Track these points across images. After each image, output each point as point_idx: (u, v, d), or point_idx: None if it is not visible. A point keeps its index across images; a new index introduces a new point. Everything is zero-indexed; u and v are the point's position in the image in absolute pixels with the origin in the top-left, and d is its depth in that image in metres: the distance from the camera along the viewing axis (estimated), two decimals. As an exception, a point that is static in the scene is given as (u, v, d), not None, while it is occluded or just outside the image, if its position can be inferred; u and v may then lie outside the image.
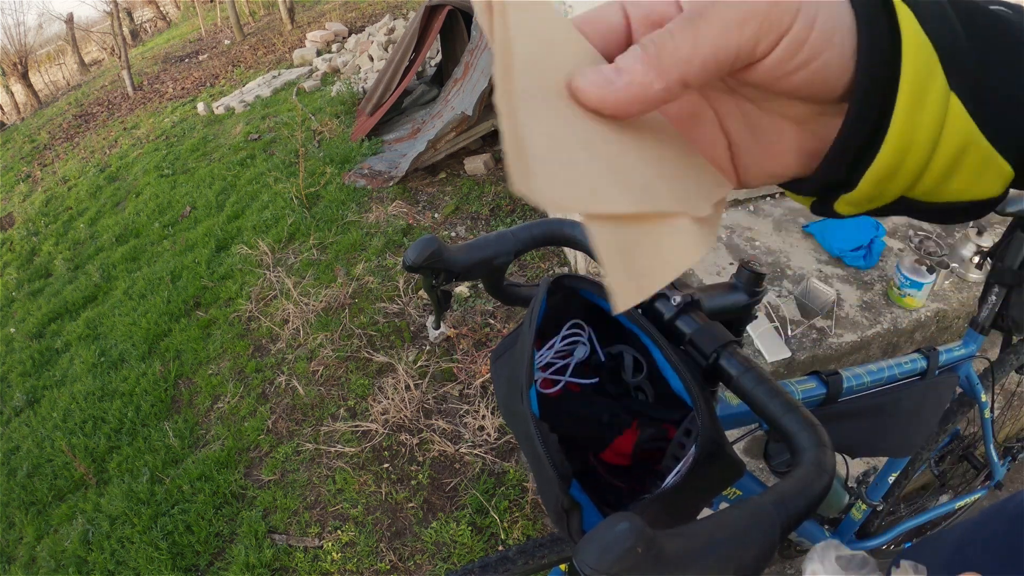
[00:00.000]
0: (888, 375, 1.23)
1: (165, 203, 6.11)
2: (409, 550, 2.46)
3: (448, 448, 2.76)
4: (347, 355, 3.39)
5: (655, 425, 0.81)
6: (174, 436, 3.27)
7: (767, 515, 0.45)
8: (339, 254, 4.25)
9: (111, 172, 7.59)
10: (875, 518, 1.74)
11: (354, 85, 7.11)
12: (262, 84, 8.65)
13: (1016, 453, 2.11)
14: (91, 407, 3.70)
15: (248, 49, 12.07)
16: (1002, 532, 0.72)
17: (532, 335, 0.71)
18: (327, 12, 12.78)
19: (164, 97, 10.54)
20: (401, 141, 5.51)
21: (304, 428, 3.07)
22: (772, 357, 2.22)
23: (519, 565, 1.16)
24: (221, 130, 7.56)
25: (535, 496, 2.50)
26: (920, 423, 1.25)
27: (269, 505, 2.76)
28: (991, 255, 1.56)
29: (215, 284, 4.44)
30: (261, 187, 5.55)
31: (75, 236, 6.24)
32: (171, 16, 23.10)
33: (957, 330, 2.45)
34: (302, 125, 6.29)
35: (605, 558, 0.38)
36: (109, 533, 2.86)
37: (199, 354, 3.84)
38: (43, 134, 11.58)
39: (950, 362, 1.45)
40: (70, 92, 16.01)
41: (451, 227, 4.34)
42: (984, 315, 1.55)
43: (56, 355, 4.50)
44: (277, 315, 3.81)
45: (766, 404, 0.64)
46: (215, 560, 2.65)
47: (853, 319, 2.34)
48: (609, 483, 0.79)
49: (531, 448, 0.65)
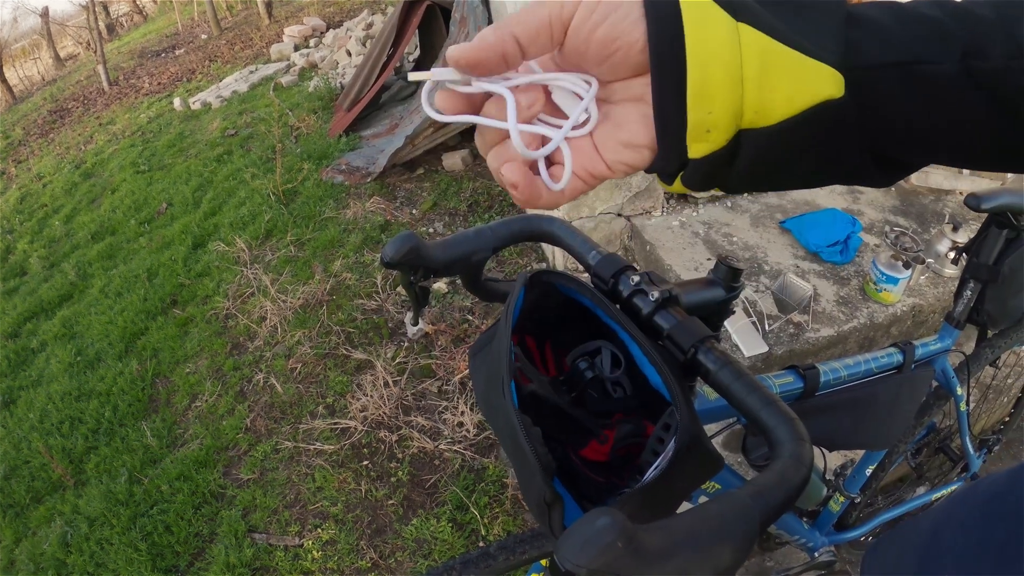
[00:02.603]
0: (865, 369, 1.24)
1: (141, 200, 6.04)
2: (390, 547, 2.46)
3: (427, 445, 2.76)
4: (325, 352, 3.38)
5: (634, 420, 0.82)
6: (152, 436, 3.24)
7: (746, 508, 0.46)
8: (317, 251, 4.23)
9: (87, 168, 7.51)
10: (853, 510, 1.76)
11: (332, 80, 7.07)
12: (239, 79, 8.59)
13: (992, 445, 2.14)
14: (68, 407, 3.66)
15: (225, 44, 11.97)
16: (976, 515, 0.73)
17: (509, 330, 0.71)
18: (305, 7, 12.68)
19: (140, 92, 10.44)
20: (379, 137, 5.49)
21: (283, 426, 3.05)
22: (750, 352, 2.23)
23: (500, 561, 1.16)
24: (198, 126, 7.49)
25: (515, 492, 2.51)
26: (897, 416, 1.26)
27: (249, 504, 2.75)
28: (966, 251, 1.57)
29: (192, 282, 4.41)
30: (238, 183, 5.51)
31: (50, 234, 6.16)
32: (147, 10, 22.84)
33: (933, 325, 2.47)
34: (279, 121, 6.25)
35: (586, 553, 0.38)
36: (88, 535, 2.83)
37: (176, 352, 3.81)
38: (17, 130, 11.43)
39: (926, 356, 1.46)
40: (45, 87, 15.80)
41: (429, 223, 4.33)
42: (959, 310, 1.57)
43: (32, 355, 4.45)
44: (255, 312, 3.79)
45: (744, 398, 0.65)
46: (195, 560, 2.63)
47: (830, 314, 2.35)
48: (589, 478, 0.80)
49: (513, 442, 0.65)
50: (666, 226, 2.85)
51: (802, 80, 0.42)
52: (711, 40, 0.41)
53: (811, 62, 0.42)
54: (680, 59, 0.41)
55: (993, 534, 0.68)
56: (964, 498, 0.79)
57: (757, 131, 0.44)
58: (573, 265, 3.12)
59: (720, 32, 0.41)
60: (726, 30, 0.41)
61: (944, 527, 0.76)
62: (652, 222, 2.91)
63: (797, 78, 0.42)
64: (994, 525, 0.69)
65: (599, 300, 0.76)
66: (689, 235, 2.77)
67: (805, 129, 0.43)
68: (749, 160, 0.45)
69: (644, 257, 2.86)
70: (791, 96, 0.42)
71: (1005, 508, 0.69)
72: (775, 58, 0.41)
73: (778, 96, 0.42)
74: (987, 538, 0.68)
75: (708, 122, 0.43)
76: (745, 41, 0.41)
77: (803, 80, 0.42)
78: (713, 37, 0.41)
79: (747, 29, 0.41)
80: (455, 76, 0.48)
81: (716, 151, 0.45)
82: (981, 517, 0.72)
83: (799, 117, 0.43)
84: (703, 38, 0.41)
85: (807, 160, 0.46)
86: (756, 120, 0.43)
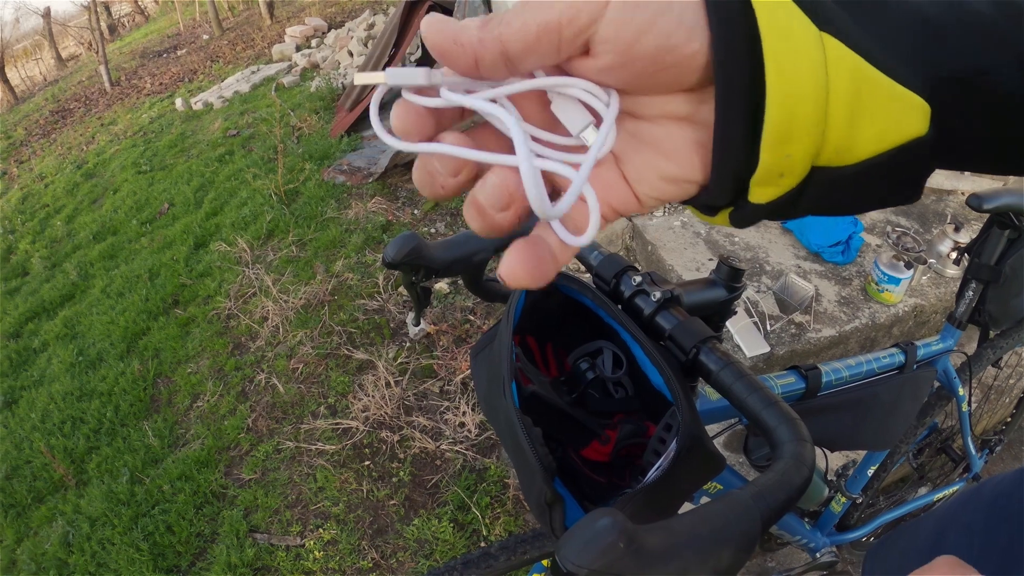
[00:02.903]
0: (867, 369, 1.24)
1: (143, 200, 6.05)
2: (391, 548, 2.46)
3: (429, 445, 2.76)
4: (327, 352, 3.38)
5: (635, 421, 0.82)
6: (153, 436, 3.24)
7: (748, 509, 0.46)
8: (318, 251, 4.22)
9: (88, 169, 7.52)
10: (855, 511, 1.76)
11: (333, 81, 7.07)
12: (241, 80, 8.59)
13: (993, 446, 2.14)
14: (70, 407, 3.66)
15: (227, 44, 11.99)
16: (980, 516, 0.73)
17: (510, 331, 0.71)
18: (307, 7, 12.69)
19: (142, 93, 10.45)
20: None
21: (284, 426, 3.05)
22: (751, 352, 2.23)
23: (501, 561, 1.16)
24: (199, 126, 7.50)
25: (516, 492, 2.51)
26: (898, 417, 1.26)
27: (250, 504, 2.75)
28: (968, 251, 1.57)
29: (193, 282, 4.41)
30: (240, 184, 5.51)
31: (52, 234, 6.17)
32: (149, 11, 22.88)
33: (935, 325, 2.47)
34: (281, 121, 6.25)
35: (587, 553, 0.38)
36: (89, 535, 2.83)
37: (178, 352, 3.81)
38: (19, 130, 11.46)
39: (928, 356, 1.46)
40: (47, 88, 15.85)
41: (431, 224, 4.33)
42: (961, 310, 1.56)
43: (34, 355, 4.45)
44: (256, 313, 3.79)
45: (746, 399, 0.64)
46: (197, 560, 2.63)
47: (831, 314, 2.35)
48: (590, 479, 0.80)
49: (514, 442, 0.65)
50: (667, 226, 2.85)
51: (893, 115, 0.34)
52: (797, 64, 0.32)
53: (902, 91, 0.34)
54: (757, 87, 0.32)
55: (998, 536, 0.68)
56: (969, 501, 0.79)
57: (833, 170, 0.36)
58: (575, 265, 3.12)
59: (807, 51, 0.32)
60: (812, 47, 0.32)
61: (949, 529, 0.76)
62: (654, 222, 2.91)
63: (889, 113, 0.34)
64: (999, 527, 0.69)
65: (601, 300, 0.76)
66: (691, 235, 2.77)
67: (884, 167, 0.36)
68: (815, 199, 0.38)
69: (646, 257, 2.86)
70: (880, 135, 0.35)
71: (1010, 510, 0.69)
72: (867, 87, 0.33)
73: (865, 134, 0.34)
74: (992, 540, 0.68)
75: (783, 166, 0.35)
76: (832, 61, 0.33)
77: (894, 114, 0.34)
78: (798, 59, 0.32)
79: (833, 44, 0.33)
80: (417, 79, 0.36)
81: (783, 195, 0.37)
82: (986, 520, 0.72)
83: (882, 156, 0.35)
84: (787, 61, 0.32)
85: (874, 194, 0.39)
86: (835, 159, 0.35)
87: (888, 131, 0.35)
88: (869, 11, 0.35)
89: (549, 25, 0.32)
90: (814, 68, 0.32)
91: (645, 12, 0.32)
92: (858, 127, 0.34)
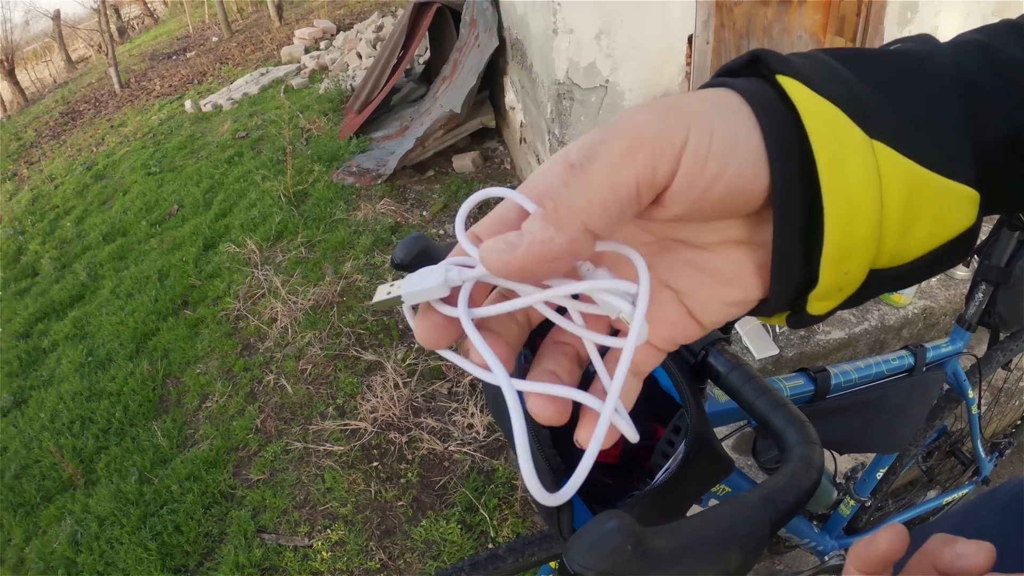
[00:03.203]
0: (876, 372, 1.24)
1: (152, 201, 6.07)
2: (399, 548, 2.46)
3: (437, 446, 2.76)
4: (335, 353, 3.39)
5: (643, 423, 0.81)
6: (162, 436, 3.25)
7: (756, 511, 0.46)
8: (327, 252, 4.23)
9: (98, 170, 7.54)
10: (863, 514, 1.75)
11: (342, 82, 7.09)
12: (250, 81, 8.62)
13: (1003, 449, 2.13)
14: (79, 407, 3.68)
15: (236, 46, 12.02)
16: (994, 521, 0.73)
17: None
18: (315, 9, 12.72)
19: (151, 94, 10.49)
20: (389, 139, 5.50)
21: (293, 427, 3.06)
22: (760, 354, 2.22)
23: (509, 563, 1.16)
24: (208, 128, 7.52)
25: (524, 494, 2.50)
26: (908, 419, 1.26)
27: (258, 504, 2.75)
28: (978, 252, 1.56)
29: (203, 283, 4.42)
30: (249, 185, 5.53)
31: (62, 235, 6.20)
32: (158, 13, 22.96)
33: (944, 327, 2.46)
34: (290, 123, 6.27)
35: (594, 555, 0.38)
36: (98, 534, 2.85)
37: (187, 353, 3.82)
38: (29, 132, 11.51)
39: (937, 359, 1.45)
40: (57, 89, 15.91)
41: (439, 225, 4.33)
42: (971, 312, 1.56)
43: (43, 355, 4.47)
44: (265, 314, 3.80)
45: (754, 401, 0.64)
46: (205, 560, 2.64)
47: (840, 316, 2.34)
48: (598, 480, 0.79)
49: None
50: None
51: (944, 212, 0.34)
52: (852, 184, 0.31)
53: (951, 186, 0.34)
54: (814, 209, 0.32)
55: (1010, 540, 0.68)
56: (982, 505, 0.78)
57: (888, 271, 0.36)
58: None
59: (861, 170, 0.32)
60: (866, 165, 0.32)
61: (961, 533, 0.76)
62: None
63: (940, 211, 0.34)
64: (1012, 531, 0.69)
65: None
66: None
67: (936, 259, 0.36)
68: (869, 295, 0.37)
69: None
70: (931, 235, 0.35)
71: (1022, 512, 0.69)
72: (919, 192, 0.33)
73: (918, 235, 0.34)
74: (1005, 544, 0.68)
75: (842, 282, 0.34)
76: (885, 172, 0.32)
77: (945, 212, 0.34)
78: (854, 180, 0.31)
79: (885, 152, 0.32)
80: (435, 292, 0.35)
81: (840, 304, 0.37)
82: (1000, 523, 0.72)
83: (934, 252, 0.35)
84: (842, 184, 0.31)
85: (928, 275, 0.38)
86: (888, 263, 0.35)
87: (939, 231, 0.35)
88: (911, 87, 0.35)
89: (628, 192, 0.30)
90: (869, 185, 0.32)
91: (717, 162, 0.31)
92: (911, 232, 0.34)
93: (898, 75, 0.35)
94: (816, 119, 0.31)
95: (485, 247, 0.32)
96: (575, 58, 2.95)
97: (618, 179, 0.30)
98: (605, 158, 0.30)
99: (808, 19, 3.03)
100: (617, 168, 0.30)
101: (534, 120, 3.82)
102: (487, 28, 4.59)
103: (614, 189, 0.30)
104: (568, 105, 3.08)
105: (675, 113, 0.31)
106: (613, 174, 0.30)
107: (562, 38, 2.88)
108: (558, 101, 3.09)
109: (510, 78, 4.48)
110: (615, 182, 0.30)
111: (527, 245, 0.31)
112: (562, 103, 3.09)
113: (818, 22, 3.05)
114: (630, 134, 0.30)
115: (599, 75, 3.01)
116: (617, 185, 0.30)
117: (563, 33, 2.87)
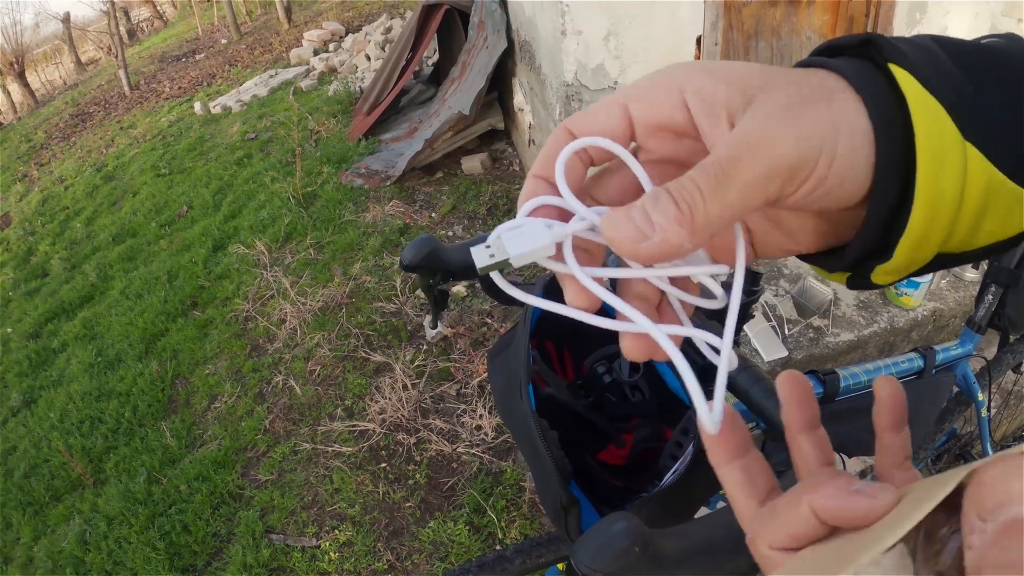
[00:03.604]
0: (885, 374, 1.23)
1: (162, 203, 6.09)
2: (406, 550, 2.46)
3: (445, 447, 2.76)
4: (344, 355, 3.39)
5: (652, 425, 0.81)
6: (171, 436, 3.26)
7: (764, 514, 0.45)
8: (336, 254, 4.24)
9: (108, 172, 7.57)
10: (872, 517, 1.74)
11: (351, 84, 7.10)
12: (259, 83, 8.64)
13: (1013, 452, 2.11)
14: (88, 407, 3.69)
15: (245, 48, 12.05)
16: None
17: (527, 334, 0.71)
18: (324, 11, 12.75)
19: (161, 96, 10.52)
20: (398, 140, 5.51)
21: (301, 428, 3.06)
22: (769, 356, 2.22)
23: (516, 564, 1.16)
24: (218, 129, 7.54)
25: (532, 495, 2.50)
26: (917, 422, 1.25)
27: (266, 505, 2.76)
28: (988, 254, 1.56)
29: (212, 284, 4.44)
30: (258, 187, 5.54)
31: (72, 236, 6.22)
32: (168, 15, 23.02)
33: (954, 329, 2.45)
34: (299, 124, 6.27)
35: (602, 557, 0.38)
36: (106, 533, 2.86)
37: (196, 354, 3.84)
38: (40, 133, 11.55)
39: (947, 361, 1.45)
40: (67, 91, 15.97)
41: (448, 226, 4.33)
42: (981, 314, 1.55)
43: (53, 355, 4.49)
44: (274, 315, 3.81)
45: (763, 402, 0.64)
46: (213, 560, 2.64)
47: (850, 318, 2.34)
48: (606, 482, 0.79)
49: (530, 445, 0.65)
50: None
51: (1012, 215, 0.36)
52: (943, 183, 0.34)
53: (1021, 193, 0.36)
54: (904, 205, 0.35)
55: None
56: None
57: (952, 255, 0.39)
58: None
59: (953, 171, 0.34)
60: (957, 166, 0.34)
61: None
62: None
63: (1010, 212, 0.36)
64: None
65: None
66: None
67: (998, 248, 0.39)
68: (928, 272, 0.40)
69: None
70: (998, 230, 0.37)
71: None
72: (994, 196, 0.35)
73: (986, 229, 0.37)
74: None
75: (912, 262, 0.37)
76: (971, 175, 0.34)
77: (1013, 215, 0.36)
78: (945, 183, 0.34)
79: (975, 156, 0.34)
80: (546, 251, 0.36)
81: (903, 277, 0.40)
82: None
83: (998, 243, 0.38)
84: (934, 183, 0.34)
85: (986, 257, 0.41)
86: (955, 249, 0.38)
87: (1006, 227, 0.37)
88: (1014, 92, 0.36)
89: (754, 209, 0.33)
90: (956, 185, 0.34)
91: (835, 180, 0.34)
92: (980, 227, 0.36)
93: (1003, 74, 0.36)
94: (924, 119, 0.34)
95: (610, 225, 0.34)
96: (584, 60, 2.95)
97: (750, 200, 0.33)
98: (743, 179, 0.32)
99: (817, 19, 3.02)
100: (752, 190, 0.33)
101: (543, 122, 3.82)
102: (496, 30, 4.59)
103: (744, 206, 0.33)
104: (577, 107, 3.08)
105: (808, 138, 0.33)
106: (747, 196, 0.33)
107: (571, 39, 2.89)
108: (567, 103, 3.09)
109: (519, 80, 4.48)
110: (747, 202, 0.33)
111: (659, 242, 0.33)
112: (571, 105, 3.09)
113: (827, 23, 3.04)
114: (769, 161, 0.33)
115: (608, 76, 3.01)
116: (748, 204, 0.33)
117: (572, 35, 2.87)
